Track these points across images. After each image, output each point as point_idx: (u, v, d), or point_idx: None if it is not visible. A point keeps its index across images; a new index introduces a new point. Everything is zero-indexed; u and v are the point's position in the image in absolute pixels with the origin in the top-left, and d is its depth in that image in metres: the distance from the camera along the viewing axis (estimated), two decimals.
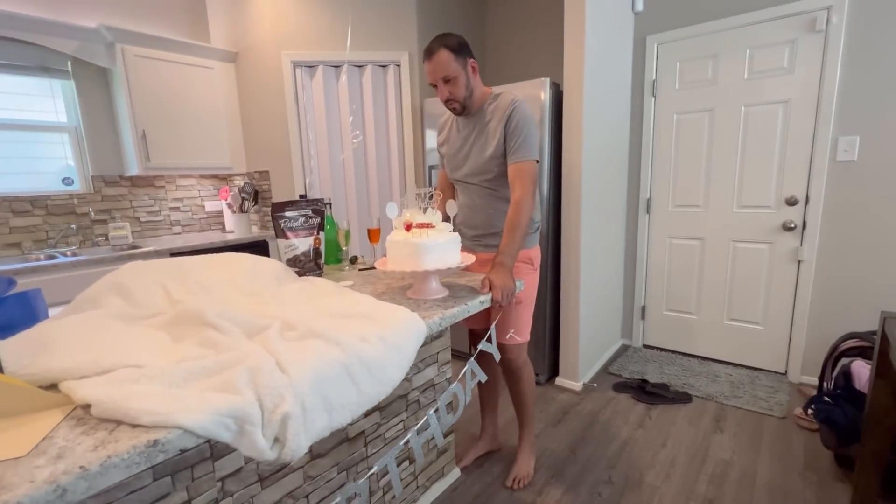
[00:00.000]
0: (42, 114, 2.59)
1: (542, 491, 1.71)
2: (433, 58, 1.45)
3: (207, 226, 3.34)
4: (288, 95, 2.81)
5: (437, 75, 1.46)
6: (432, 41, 1.46)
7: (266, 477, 1.09)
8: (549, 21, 3.05)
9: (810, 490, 1.66)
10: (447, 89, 1.48)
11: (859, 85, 2.13)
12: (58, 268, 2.15)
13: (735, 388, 2.41)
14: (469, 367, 1.25)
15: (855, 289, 2.26)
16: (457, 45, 1.45)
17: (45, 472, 0.52)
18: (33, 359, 0.72)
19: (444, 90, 1.48)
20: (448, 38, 1.45)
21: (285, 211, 1.40)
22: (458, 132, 1.62)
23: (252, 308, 1.00)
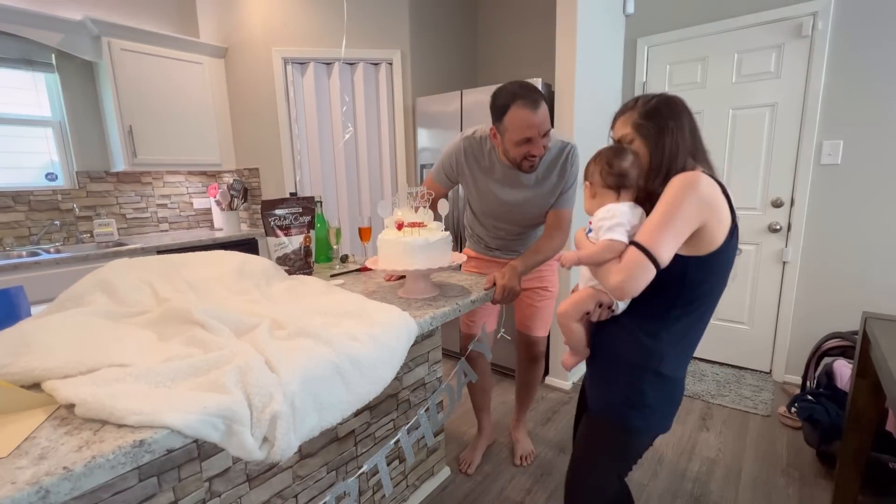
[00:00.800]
0: (25, 107, 2.53)
1: (531, 490, 1.72)
2: (539, 109, 1.27)
3: (195, 223, 3.29)
4: (278, 92, 2.78)
5: (544, 128, 1.30)
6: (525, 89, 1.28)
7: (254, 477, 1.08)
8: (541, 22, 3.06)
9: (793, 487, 1.69)
10: (543, 142, 1.33)
11: (843, 90, 2.18)
12: (40, 265, 2.11)
13: (721, 386, 2.45)
14: (460, 366, 1.25)
15: (838, 289, 2.31)
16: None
17: (28, 473, 0.51)
18: (15, 358, 0.70)
19: (541, 144, 1.32)
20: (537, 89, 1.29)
21: (275, 209, 1.39)
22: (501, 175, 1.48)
23: (241, 306, 0.99)
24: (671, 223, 0.83)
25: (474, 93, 2.56)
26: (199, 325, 0.86)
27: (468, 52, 3.41)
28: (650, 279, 0.85)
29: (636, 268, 0.84)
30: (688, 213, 0.83)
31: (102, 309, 0.92)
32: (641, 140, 0.94)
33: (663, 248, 0.83)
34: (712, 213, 0.84)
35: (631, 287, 0.85)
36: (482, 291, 1.30)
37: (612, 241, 0.89)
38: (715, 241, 0.86)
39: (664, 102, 0.94)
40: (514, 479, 1.78)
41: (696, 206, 0.83)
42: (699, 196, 0.83)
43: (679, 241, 0.85)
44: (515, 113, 1.27)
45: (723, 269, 0.91)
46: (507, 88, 1.31)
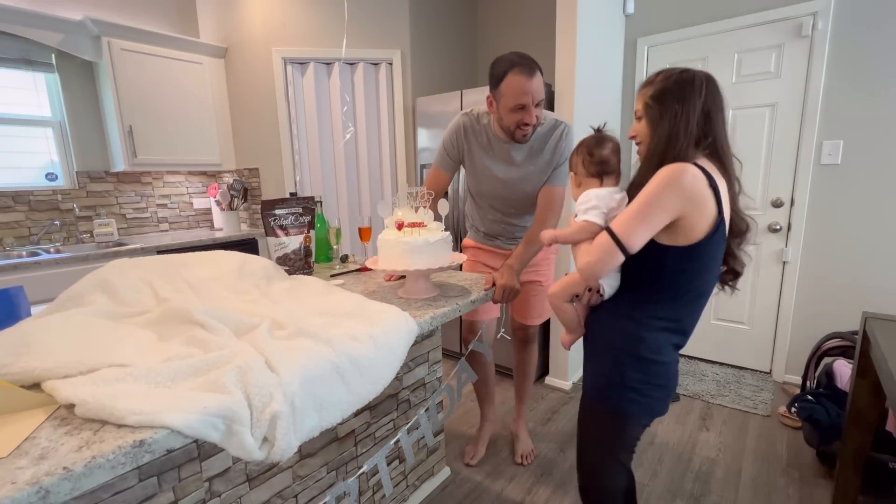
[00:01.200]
0: (25, 107, 2.53)
1: (532, 489, 1.72)
2: (534, 77, 1.32)
3: (195, 223, 3.29)
4: (278, 92, 2.78)
5: (538, 97, 1.35)
6: (523, 58, 1.33)
7: (254, 477, 1.08)
8: (541, 21, 3.06)
9: (793, 487, 1.69)
10: (536, 112, 1.38)
11: (843, 90, 2.18)
12: (40, 265, 2.11)
13: (721, 386, 2.45)
14: (460, 366, 1.26)
15: (837, 290, 2.31)
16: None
17: (28, 473, 0.51)
18: (15, 358, 0.70)
19: (534, 113, 1.37)
20: (534, 60, 1.34)
21: (275, 209, 1.39)
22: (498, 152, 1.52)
23: (241, 306, 0.99)
24: (646, 213, 0.85)
25: (474, 93, 2.56)
26: (199, 325, 0.86)
27: (468, 52, 3.41)
28: (617, 264, 0.89)
29: (604, 252, 0.87)
30: (665, 205, 0.84)
31: (102, 309, 0.92)
32: (647, 120, 0.94)
33: (634, 237, 0.86)
34: (693, 206, 0.85)
35: (596, 268, 0.89)
36: (482, 291, 1.30)
37: (587, 223, 0.94)
38: (695, 233, 0.87)
39: (679, 83, 0.90)
40: (515, 478, 1.78)
41: (675, 199, 0.84)
42: (681, 189, 0.84)
43: (652, 231, 0.87)
44: (511, 79, 1.32)
45: (705, 260, 0.91)
46: (506, 57, 1.36)
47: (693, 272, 0.92)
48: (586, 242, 0.92)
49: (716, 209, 0.88)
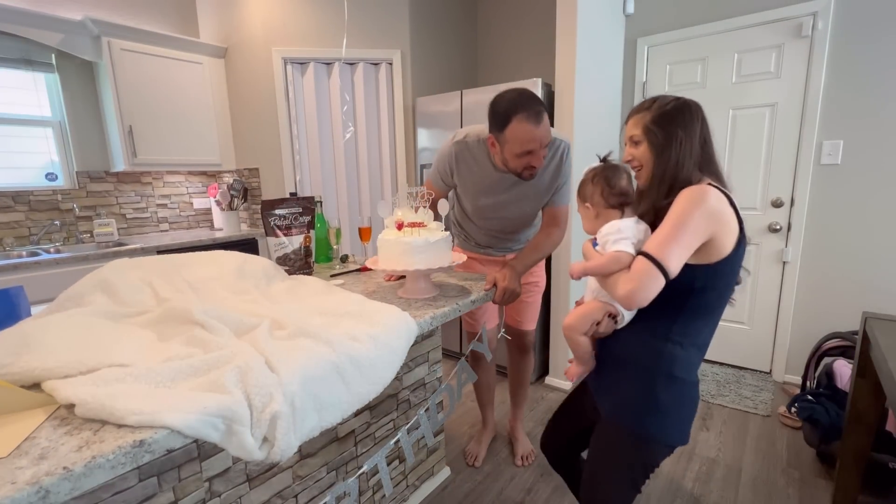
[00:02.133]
0: (25, 107, 2.53)
1: (531, 490, 1.72)
2: (542, 123, 1.25)
3: (195, 223, 3.29)
4: (278, 92, 2.78)
5: (546, 141, 1.29)
6: (527, 100, 1.25)
7: (254, 477, 1.08)
8: (541, 21, 3.06)
9: (793, 487, 1.69)
10: (543, 153, 1.32)
11: (843, 90, 2.18)
12: (40, 265, 2.11)
13: (721, 386, 2.45)
14: (460, 367, 1.25)
15: (837, 290, 2.31)
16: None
17: (28, 473, 0.51)
18: (15, 358, 0.70)
19: (541, 156, 1.31)
20: (538, 99, 1.27)
21: (275, 209, 1.39)
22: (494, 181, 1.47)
23: (241, 306, 0.99)
24: (680, 236, 0.85)
25: (474, 93, 2.56)
26: (199, 326, 0.86)
27: (468, 52, 3.41)
28: (660, 289, 0.86)
29: (646, 277, 0.85)
30: (697, 227, 0.85)
31: (102, 309, 0.92)
32: (648, 145, 0.95)
33: (672, 259, 0.85)
34: (721, 226, 0.87)
35: (640, 296, 0.86)
36: (482, 292, 1.30)
37: (619, 253, 0.91)
38: (723, 250, 0.89)
39: (679, 109, 0.93)
40: (515, 478, 1.78)
41: (705, 220, 0.85)
42: (708, 210, 0.85)
43: (688, 254, 0.86)
44: (518, 126, 1.25)
45: (730, 275, 0.92)
46: (508, 98, 1.27)
47: (720, 288, 0.93)
48: (622, 272, 0.90)
49: (738, 226, 0.90)
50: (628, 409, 0.98)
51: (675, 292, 0.90)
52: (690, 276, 0.89)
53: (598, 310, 0.98)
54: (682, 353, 0.94)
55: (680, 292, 0.91)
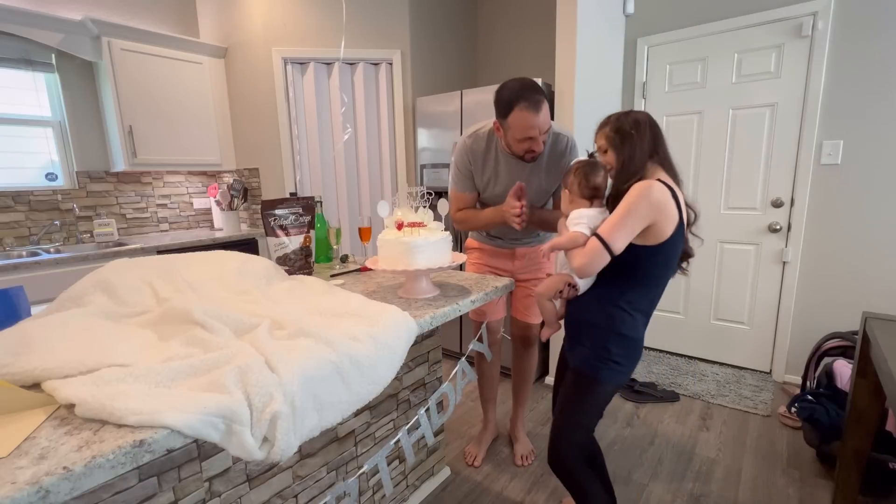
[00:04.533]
0: (25, 107, 2.53)
1: (532, 489, 1.72)
2: (541, 111, 1.35)
3: (195, 223, 3.29)
4: (278, 92, 2.78)
5: (545, 128, 1.39)
6: (528, 89, 1.34)
7: (254, 477, 1.08)
8: (541, 22, 3.06)
9: (793, 487, 1.69)
10: (543, 139, 1.43)
11: (843, 90, 2.18)
12: (40, 265, 2.11)
13: (721, 386, 2.45)
14: (460, 366, 1.26)
15: (837, 290, 2.31)
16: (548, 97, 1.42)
17: (28, 473, 0.51)
18: (15, 358, 0.70)
19: (542, 140, 1.42)
20: (539, 88, 1.36)
21: (275, 209, 1.38)
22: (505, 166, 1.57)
23: (241, 307, 0.99)
24: (625, 222, 1.09)
25: (474, 93, 2.56)
26: (199, 326, 0.86)
27: (468, 52, 3.41)
28: (605, 263, 1.11)
29: (594, 254, 1.10)
30: (640, 214, 1.08)
31: (102, 309, 0.92)
32: (612, 149, 1.19)
33: (617, 241, 1.09)
34: (661, 214, 1.09)
35: (589, 268, 1.12)
36: (482, 292, 1.30)
37: (577, 234, 1.16)
38: (663, 235, 1.11)
39: (629, 120, 1.17)
40: (514, 479, 1.78)
41: (648, 209, 1.08)
42: (651, 201, 1.08)
43: (631, 236, 1.10)
44: (518, 114, 1.36)
45: (670, 255, 1.16)
46: (511, 87, 1.38)
47: (661, 264, 1.17)
48: (578, 249, 1.14)
49: (677, 214, 1.11)
50: (588, 360, 1.22)
51: (624, 267, 1.15)
52: (635, 255, 1.13)
53: (561, 280, 1.24)
54: (628, 317, 1.19)
55: (627, 267, 1.15)
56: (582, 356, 1.24)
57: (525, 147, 1.43)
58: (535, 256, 1.76)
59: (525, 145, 1.42)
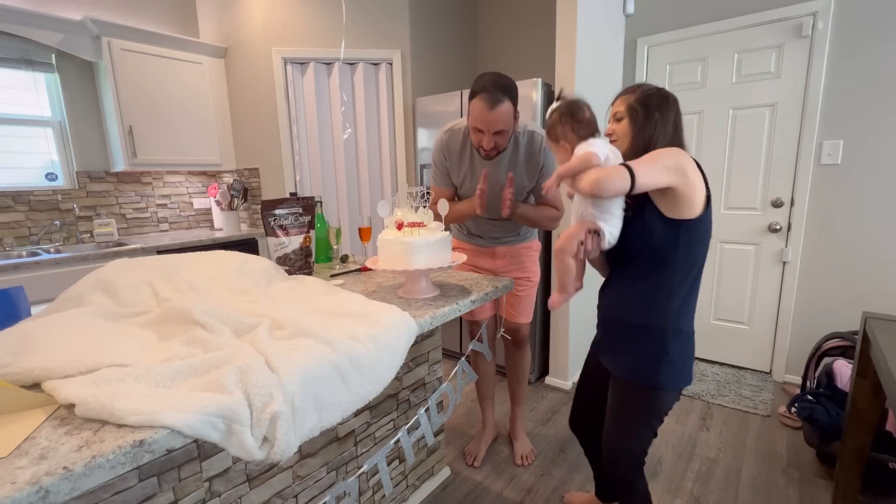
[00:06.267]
0: (25, 107, 2.53)
1: (532, 489, 1.72)
2: (496, 109, 1.35)
3: (195, 223, 3.29)
4: (278, 92, 2.78)
5: (495, 128, 1.39)
6: (492, 85, 1.34)
7: (254, 477, 1.08)
8: (541, 21, 3.06)
9: (793, 487, 1.69)
10: (495, 140, 1.43)
11: (843, 90, 2.18)
12: (40, 265, 2.11)
13: (721, 386, 2.45)
14: (460, 366, 1.25)
15: (837, 290, 2.31)
16: (516, 97, 1.40)
17: (28, 473, 0.51)
18: (15, 358, 0.70)
19: (491, 141, 1.42)
20: (509, 86, 1.36)
21: (275, 209, 1.38)
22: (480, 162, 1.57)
23: (241, 307, 0.99)
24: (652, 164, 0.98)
25: None
26: (199, 326, 0.86)
27: (468, 52, 3.41)
28: (624, 187, 0.95)
29: (615, 171, 0.96)
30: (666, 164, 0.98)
31: (102, 309, 0.92)
32: (629, 120, 1.07)
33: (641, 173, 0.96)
34: (685, 178, 0.98)
35: (604, 184, 0.95)
36: (482, 292, 1.30)
37: (588, 153, 1.01)
38: (695, 205, 1.01)
39: (658, 95, 1.06)
40: (515, 478, 1.78)
41: (674, 164, 0.98)
42: (678, 159, 0.99)
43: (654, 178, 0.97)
44: (475, 104, 1.39)
45: (706, 234, 1.06)
46: (484, 78, 1.39)
47: (700, 241, 1.05)
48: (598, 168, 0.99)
49: (704, 187, 1.02)
50: (643, 367, 1.09)
51: (667, 252, 1.03)
52: (675, 232, 1.02)
53: (581, 229, 1.06)
54: (683, 309, 1.08)
55: (671, 250, 1.03)
56: (630, 364, 1.12)
57: (476, 139, 1.45)
58: (517, 255, 1.76)
59: (476, 137, 1.44)
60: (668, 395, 1.10)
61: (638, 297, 1.10)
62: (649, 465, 1.82)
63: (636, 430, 1.14)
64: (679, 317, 1.07)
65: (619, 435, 1.17)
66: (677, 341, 1.07)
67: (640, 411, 1.13)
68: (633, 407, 1.14)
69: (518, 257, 1.76)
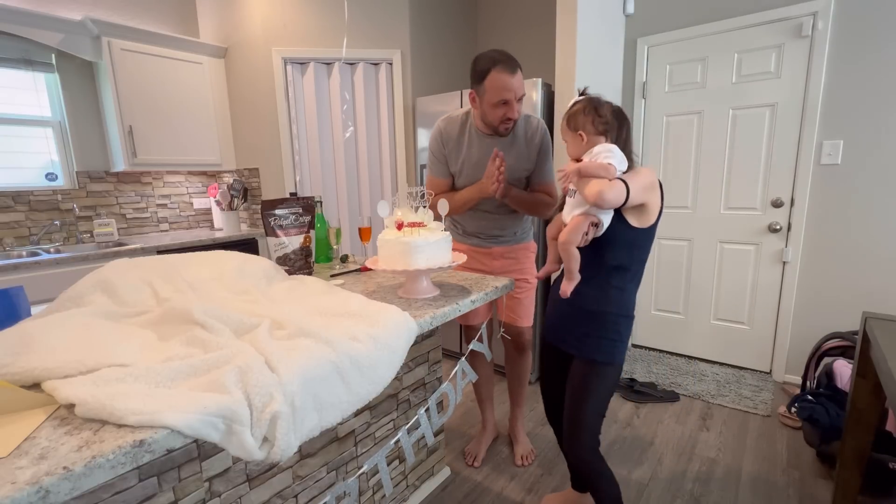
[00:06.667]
0: (25, 107, 2.53)
1: (532, 489, 1.72)
2: (516, 74, 1.40)
3: (195, 223, 3.29)
4: (278, 92, 2.78)
5: (520, 93, 1.43)
6: (504, 55, 1.41)
7: (254, 477, 1.08)
8: (541, 21, 3.06)
9: (793, 487, 1.69)
10: (518, 107, 1.46)
11: (843, 90, 2.18)
12: (40, 265, 2.11)
13: (721, 386, 2.45)
14: (460, 366, 1.25)
15: (837, 290, 2.31)
16: None
17: (28, 473, 0.51)
18: (15, 358, 0.70)
19: (516, 108, 1.45)
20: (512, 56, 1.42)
21: (275, 209, 1.38)
22: (479, 148, 1.59)
23: (241, 307, 0.99)
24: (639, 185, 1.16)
25: None
26: (199, 326, 0.86)
27: (468, 52, 3.41)
28: (619, 199, 1.12)
29: (618, 186, 1.12)
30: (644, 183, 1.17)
31: (102, 309, 0.92)
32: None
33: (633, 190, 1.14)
34: (652, 196, 1.19)
35: (608, 195, 1.11)
36: (482, 292, 1.30)
37: (610, 165, 1.14)
38: (651, 218, 1.21)
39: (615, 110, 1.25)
40: (515, 478, 1.78)
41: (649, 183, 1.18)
42: (651, 180, 1.19)
43: (637, 198, 1.16)
44: (495, 76, 1.40)
45: (652, 239, 1.26)
46: (488, 55, 1.43)
47: (647, 248, 1.26)
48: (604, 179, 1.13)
49: (660, 201, 1.21)
50: (601, 346, 1.26)
51: (625, 250, 1.22)
52: (633, 236, 1.21)
53: (584, 221, 1.19)
54: (630, 297, 1.28)
55: (628, 250, 1.23)
56: (592, 345, 1.27)
57: (501, 113, 1.44)
58: (515, 256, 1.75)
59: (500, 111, 1.43)
60: (618, 370, 1.30)
61: (597, 288, 1.27)
62: (649, 466, 1.82)
63: (594, 404, 1.29)
64: (628, 304, 1.27)
65: (580, 412, 1.29)
66: (626, 324, 1.27)
67: (598, 385, 1.28)
68: (592, 381, 1.28)
69: (516, 259, 1.75)
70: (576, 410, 1.30)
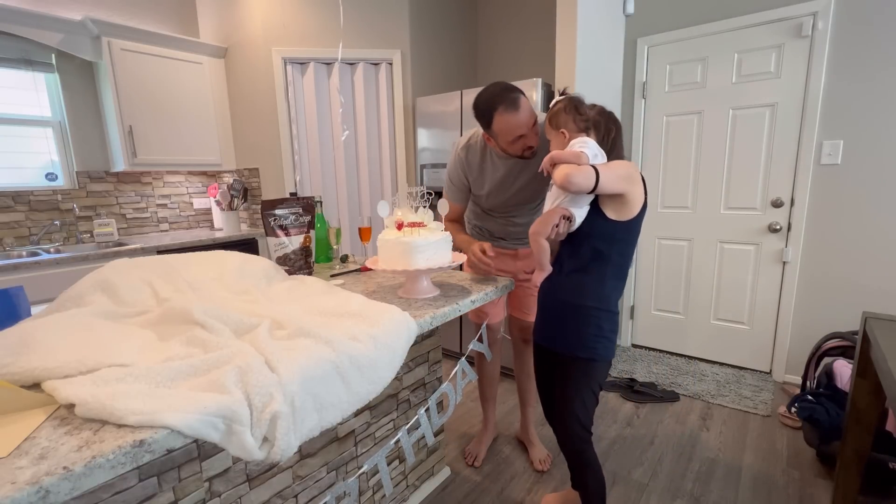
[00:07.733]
0: (25, 107, 2.53)
1: (532, 489, 1.72)
2: (521, 109, 1.34)
3: (195, 223, 3.29)
4: (278, 92, 2.78)
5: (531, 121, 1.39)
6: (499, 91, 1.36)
7: (254, 477, 1.08)
8: (540, 21, 3.06)
9: (793, 487, 1.69)
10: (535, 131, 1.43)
11: (843, 90, 2.18)
12: (40, 265, 2.11)
13: (721, 386, 2.45)
14: (460, 366, 1.25)
15: (837, 290, 2.31)
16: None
17: (28, 473, 0.51)
18: (15, 358, 0.70)
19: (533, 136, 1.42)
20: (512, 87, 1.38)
21: (275, 209, 1.38)
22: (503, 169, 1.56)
23: (241, 307, 0.99)
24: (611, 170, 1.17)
25: (474, 93, 2.53)
26: (199, 326, 0.86)
27: (468, 52, 3.41)
28: (587, 183, 1.13)
29: (586, 171, 1.13)
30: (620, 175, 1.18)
31: (102, 309, 0.92)
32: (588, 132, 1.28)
33: (604, 178, 1.14)
34: (632, 187, 1.19)
35: (574, 179, 1.12)
36: (482, 292, 1.30)
37: (581, 152, 1.18)
38: (632, 210, 1.20)
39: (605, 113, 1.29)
40: (515, 478, 1.78)
41: (626, 174, 1.18)
42: (628, 171, 1.19)
43: (612, 184, 1.16)
44: (500, 120, 1.37)
45: (635, 233, 1.26)
46: (484, 97, 1.39)
47: (630, 242, 1.26)
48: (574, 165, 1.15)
49: (643, 196, 1.22)
50: (583, 343, 1.27)
51: (604, 245, 1.23)
52: (612, 230, 1.21)
53: (556, 213, 1.21)
54: (613, 294, 1.28)
55: (607, 245, 1.23)
56: (574, 342, 1.29)
57: (519, 146, 1.43)
58: None
59: (518, 145, 1.42)
60: (604, 366, 1.30)
61: (578, 283, 1.28)
62: (649, 466, 1.82)
63: (582, 399, 1.30)
64: (610, 300, 1.27)
65: (568, 406, 1.32)
66: (608, 319, 1.27)
67: (584, 382, 1.30)
68: (578, 378, 1.30)
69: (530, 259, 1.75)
70: (564, 404, 1.34)
